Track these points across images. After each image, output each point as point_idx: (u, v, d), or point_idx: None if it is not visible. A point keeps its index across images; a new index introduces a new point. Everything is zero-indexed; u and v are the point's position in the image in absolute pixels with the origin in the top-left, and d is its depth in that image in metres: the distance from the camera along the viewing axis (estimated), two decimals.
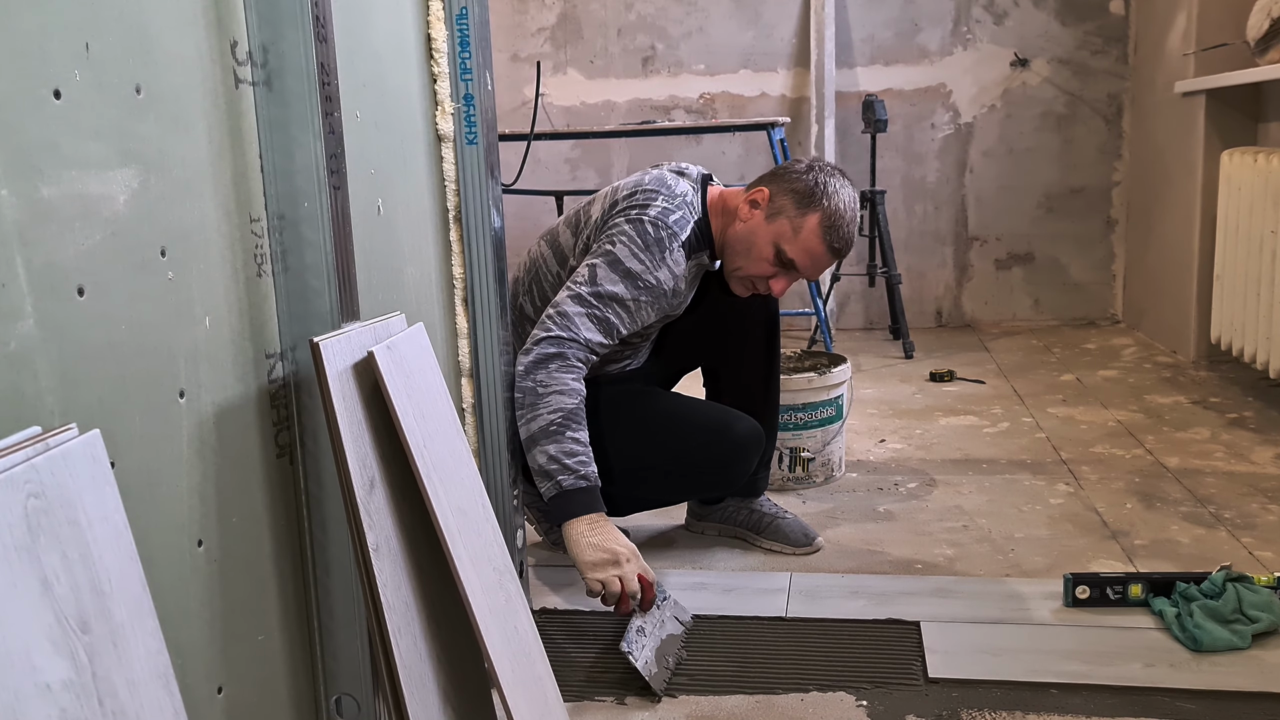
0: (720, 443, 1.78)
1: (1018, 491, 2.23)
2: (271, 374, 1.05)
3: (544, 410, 1.58)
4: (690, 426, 1.81)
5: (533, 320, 1.86)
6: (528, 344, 1.65)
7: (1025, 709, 1.38)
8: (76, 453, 0.69)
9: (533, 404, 1.59)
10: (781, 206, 1.74)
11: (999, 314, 4.25)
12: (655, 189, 1.76)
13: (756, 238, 1.74)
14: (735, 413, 1.83)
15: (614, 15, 4.27)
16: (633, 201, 1.75)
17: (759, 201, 1.75)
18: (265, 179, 1.03)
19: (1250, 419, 2.67)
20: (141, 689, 0.70)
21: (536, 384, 1.60)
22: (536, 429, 1.58)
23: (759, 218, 1.75)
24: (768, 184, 1.78)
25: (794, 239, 1.73)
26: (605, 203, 1.79)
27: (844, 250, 1.77)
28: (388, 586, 1.02)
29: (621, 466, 1.82)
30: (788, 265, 1.75)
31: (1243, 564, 1.80)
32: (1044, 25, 4.02)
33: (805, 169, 1.77)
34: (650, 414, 1.84)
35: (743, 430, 1.79)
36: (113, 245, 0.82)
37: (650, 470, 1.82)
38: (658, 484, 1.87)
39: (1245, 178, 2.77)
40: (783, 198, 1.74)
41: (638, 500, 1.96)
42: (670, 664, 1.53)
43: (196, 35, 0.93)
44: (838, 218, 1.73)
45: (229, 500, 0.97)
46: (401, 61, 1.36)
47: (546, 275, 1.86)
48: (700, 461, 1.80)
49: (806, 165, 1.78)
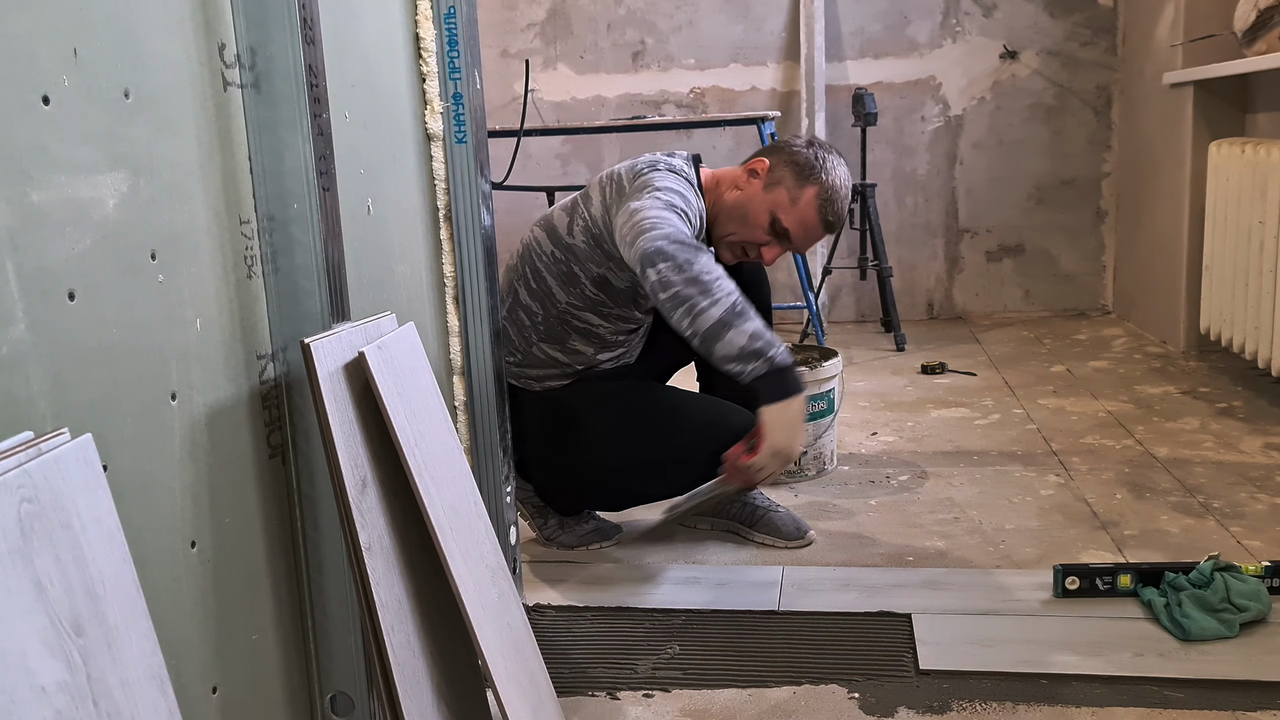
0: (718, 436, 1.79)
1: (1008, 483, 2.24)
2: (263, 375, 1.05)
3: (720, 295, 1.51)
4: (688, 420, 1.82)
5: (526, 307, 1.87)
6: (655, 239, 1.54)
7: (1016, 699, 1.40)
8: (69, 456, 0.70)
9: (705, 290, 1.50)
10: (780, 177, 1.79)
11: (990, 306, 4.26)
12: (654, 160, 1.81)
13: (753, 205, 1.78)
14: (732, 406, 1.84)
15: (603, 10, 4.27)
16: (639, 171, 1.78)
17: (758, 171, 1.81)
18: (255, 181, 1.04)
19: (1239, 408, 2.69)
20: (136, 690, 0.71)
21: (699, 273, 1.50)
22: (723, 313, 1.50)
23: (757, 186, 1.80)
24: (768, 156, 1.82)
25: (790, 209, 1.77)
26: (608, 187, 1.81)
27: (836, 225, 1.82)
28: (381, 585, 1.03)
29: (619, 462, 1.83)
30: (781, 235, 1.79)
31: (1231, 553, 1.81)
32: (1033, 17, 4.03)
33: (805, 144, 1.82)
34: (647, 408, 1.85)
35: (740, 423, 1.80)
36: (103, 249, 0.82)
37: (648, 464, 1.84)
38: (655, 478, 1.88)
39: (1233, 168, 2.78)
40: (782, 169, 1.79)
41: (634, 495, 1.97)
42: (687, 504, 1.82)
43: (185, 38, 0.93)
44: (834, 192, 1.78)
45: (222, 501, 0.98)
46: (390, 61, 1.36)
47: (541, 256, 1.87)
48: (698, 455, 1.80)
49: (806, 141, 1.83)
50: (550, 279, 1.86)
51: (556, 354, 1.88)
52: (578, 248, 1.82)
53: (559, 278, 1.85)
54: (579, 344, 1.88)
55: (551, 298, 1.86)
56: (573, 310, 1.86)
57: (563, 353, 1.88)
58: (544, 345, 1.88)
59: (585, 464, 1.87)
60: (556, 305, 1.86)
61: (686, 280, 1.51)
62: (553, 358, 1.88)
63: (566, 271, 1.84)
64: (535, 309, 1.87)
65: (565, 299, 1.85)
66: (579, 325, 1.87)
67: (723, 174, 1.88)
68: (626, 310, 1.88)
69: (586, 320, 1.86)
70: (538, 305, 1.87)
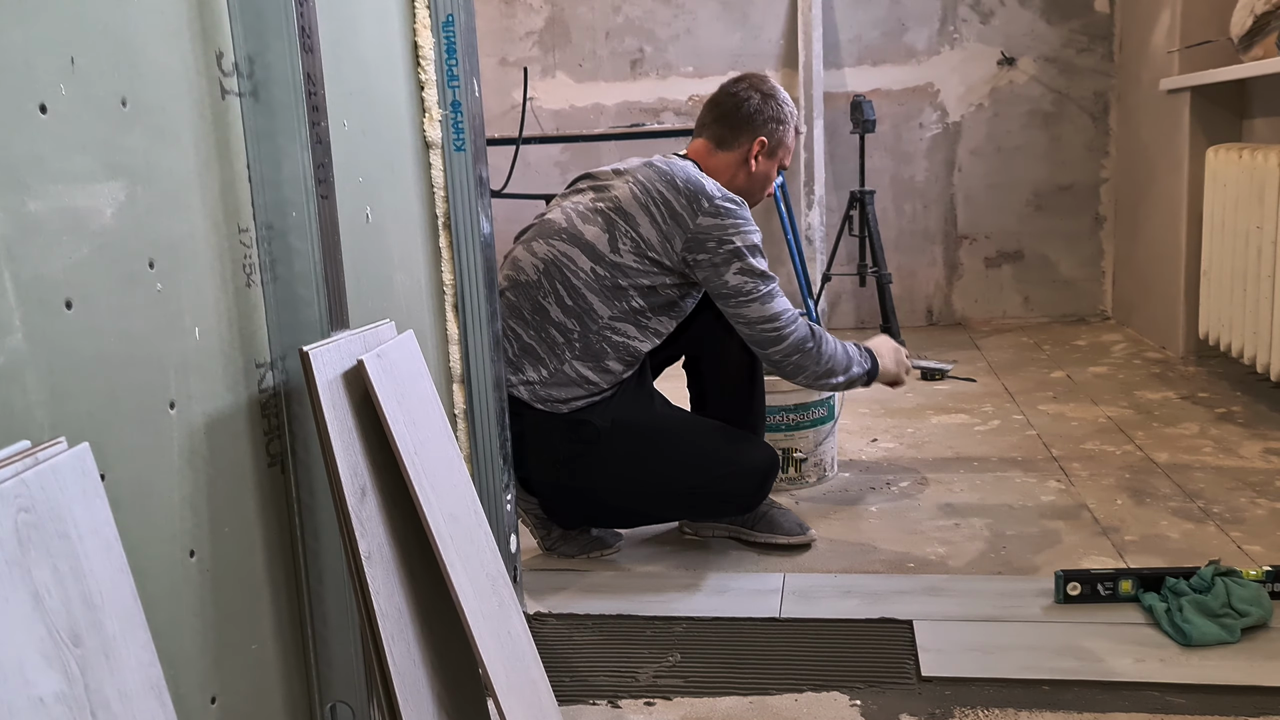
0: (740, 474, 1.87)
1: (1009, 489, 2.24)
2: (262, 383, 1.05)
3: (838, 367, 1.93)
4: (710, 457, 1.87)
5: (559, 324, 1.83)
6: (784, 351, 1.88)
7: (1018, 706, 1.39)
8: (66, 466, 0.69)
9: (831, 373, 1.93)
10: (779, 140, 2.00)
11: (989, 312, 4.26)
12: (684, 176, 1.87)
13: (769, 172, 2.02)
14: (752, 440, 1.94)
15: (602, 18, 4.28)
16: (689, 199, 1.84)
17: (760, 151, 1.98)
18: (253, 189, 1.03)
19: (1238, 414, 2.69)
20: (134, 700, 0.71)
21: (825, 365, 1.92)
22: (840, 380, 1.95)
23: (763, 159, 1.99)
24: (746, 132, 1.97)
25: (788, 153, 2.04)
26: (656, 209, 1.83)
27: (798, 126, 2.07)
28: (381, 594, 1.03)
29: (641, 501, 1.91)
30: (779, 172, 2.06)
31: (1231, 558, 1.81)
32: (1030, 24, 4.04)
33: (765, 98, 1.97)
34: (672, 449, 1.87)
35: (755, 460, 1.90)
36: (100, 258, 0.82)
37: (666, 499, 1.90)
38: (670, 510, 1.97)
39: (1230, 174, 2.78)
40: (776, 134, 1.99)
41: (647, 519, 2.02)
42: None
43: (182, 47, 0.93)
44: (794, 115, 2.02)
45: (221, 510, 0.98)
46: (388, 69, 1.36)
47: (578, 274, 1.83)
48: (719, 491, 1.88)
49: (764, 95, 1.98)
50: (591, 295, 1.82)
51: (588, 372, 1.83)
52: (627, 266, 1.82)
53: (602, 293, 1.82)
54: (613, 363, 1.84)
55: (592, 314, 1.82)
56: (614, 325, 1.83)
57: (595, 371, 1.84)
58: (577, 363, 1.83)
59: (604, 501, 1.92)
60: (597, 320, 1.82)
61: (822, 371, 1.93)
62: (584, 376, 1.83)
63: (611, 286, 1.82)
64: (571, 326, 1.82)
65: (608, 313, 1.83)
66: (617, 340, 1.84)
67: (716, 164, 1.98)
68: (662, 321, 1.89)
69: (624, 333, 1.84)
70: (574, 322, 1.82)
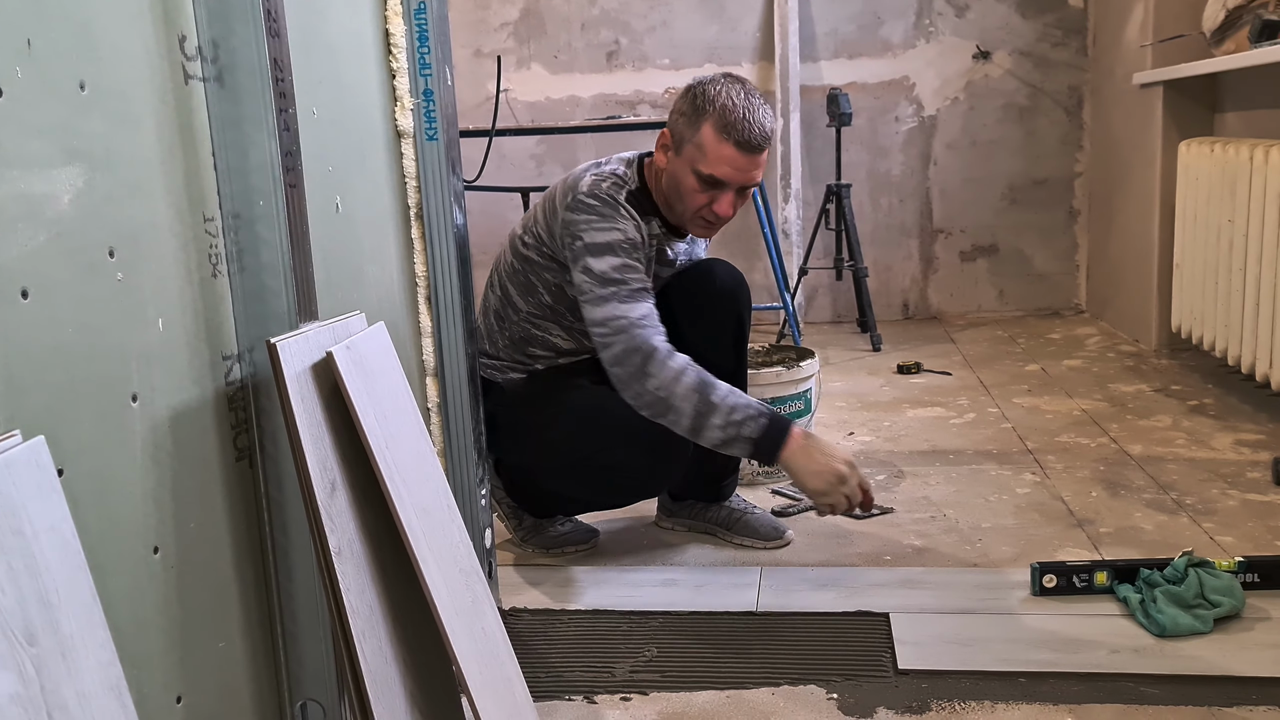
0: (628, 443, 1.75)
1: (985, 482, 2.24)
2: (229, 376, 1.03)
3: (683, 405, 1.60)
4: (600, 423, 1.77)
5: (496, 312, 1.89)
6: (608, 363, 1.65)
7: (994, 698, 1.39)
8: (20, 460, 0.67)
9: (669, 408, 1.61)
10: (681, 135, 1.72)
11: (965, 305, 4.28)
12: (579, 174, 1.78)
13: (679, 174, 1.73)
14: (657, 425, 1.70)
15: (577, 10, 4.25)
16: (564, 192, 1.76)
17: (665, 144, 1.75)
18: (219, 177, 1.01)
19: (1210, 406, 2.71)
20: (93, 701, 0.69)
21: (654, 392, 1.61)
22: (689, 424, 1.61)
23: (672, 157, 1.74)
24: (667, 123, 1.77)
25: (704, 156, 1.69)
26: (545, 206, 1.82)
27: (755, 141, 1.69)
28: (351, 590, 1.01)
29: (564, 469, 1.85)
30: (714, 183, 1.70)
31: (1204, 549, 1.82)
32: (1005, 18, 4.05)
33: (685, 90, 1.74)
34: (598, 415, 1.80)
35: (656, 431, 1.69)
36: (58, 246, 0.80)
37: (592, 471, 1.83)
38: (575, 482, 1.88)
39: (1203, 167, 2.80)
40: (678, 128, 1.73)
41: (586, 500, 1.97)
42: None
43: (143, 30, 0.91)
44: (730, 114, 1.67)
45: (186, 505, 0.95)
46: (359, 57, 1.34)
47: (501, 265, 1.89)
48: (610, 464, 1.79)
49: (687, 87, 1.75)
50: (510, 286, 1.86)
51: (515, 353, 1.89)
52: (531, 259, 1.82)
53: (518, 286, 1.85)
54: (538, 350, 1.88)
55: (514, 305, 1.86)
56: (533, 319, 1.85)
57: (520, 354, 1.88)
58: (510, 348, 1.89)
59: (536, 463, 1.89)
60: (519, 312, 1.86)
61: (649, 403, 1.63)
62: (511, 356, 1.89)
63: (524, 279, 1.84)
64: (503, 314, 1.88)
65: (525, 308, 1.85)
66: (538, 335, 1.86)
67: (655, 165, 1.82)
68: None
69: (545, 329, 1.85)
70: (506, 310, 1.88)
